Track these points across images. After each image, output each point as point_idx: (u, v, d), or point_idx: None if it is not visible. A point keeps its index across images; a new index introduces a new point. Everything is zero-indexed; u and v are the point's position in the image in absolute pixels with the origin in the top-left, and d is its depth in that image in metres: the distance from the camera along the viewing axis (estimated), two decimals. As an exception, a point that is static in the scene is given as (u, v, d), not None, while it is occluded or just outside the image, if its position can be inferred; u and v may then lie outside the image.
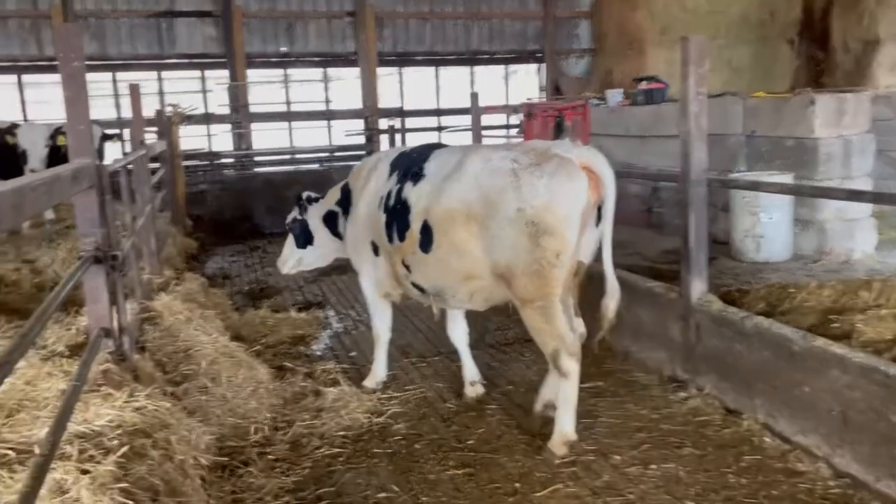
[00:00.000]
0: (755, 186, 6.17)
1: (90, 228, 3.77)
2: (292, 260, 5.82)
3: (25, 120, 12.51)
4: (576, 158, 3.89)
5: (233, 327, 6.43)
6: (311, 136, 14.26)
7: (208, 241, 11.83)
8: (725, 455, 3.96)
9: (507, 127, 16.01)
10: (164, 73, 13.38)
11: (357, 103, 14.29)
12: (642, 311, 5.30)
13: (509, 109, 13.38)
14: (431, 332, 6.48)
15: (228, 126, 13.47)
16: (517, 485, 3.76)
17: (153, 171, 11.61)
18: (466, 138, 15.80)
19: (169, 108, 12.12)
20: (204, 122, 13.51)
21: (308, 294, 8.34)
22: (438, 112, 15.18)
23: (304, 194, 5.79)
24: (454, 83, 16.17)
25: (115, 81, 13.09)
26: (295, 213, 5.72)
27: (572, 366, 3.93)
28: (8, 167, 8.50)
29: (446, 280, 4.33)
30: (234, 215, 12.24)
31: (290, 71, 14.07)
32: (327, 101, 14.14)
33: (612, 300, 4.12)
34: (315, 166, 13.97)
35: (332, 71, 14.24)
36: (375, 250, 4.90)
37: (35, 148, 8.71)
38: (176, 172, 11.98)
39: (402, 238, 4.44)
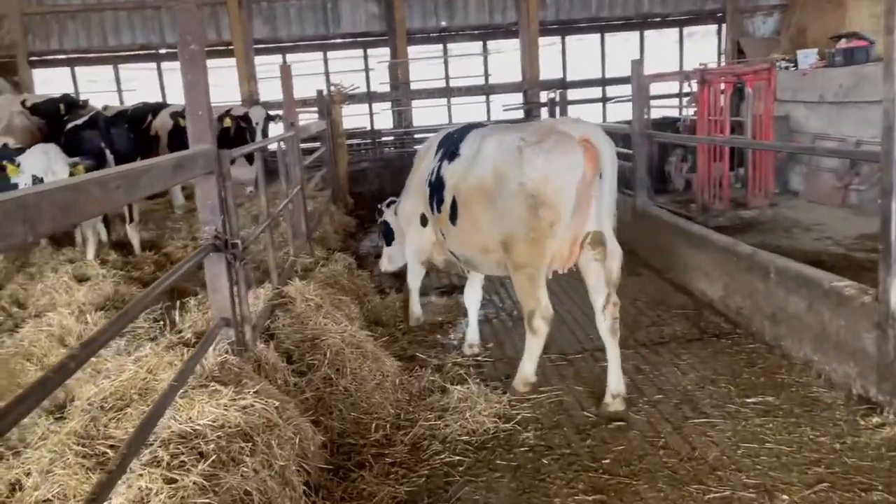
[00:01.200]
0: None
1: (210, 216, 3.70)
2: (385, 258, 6.93)
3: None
4: (575, 134, 4.14)
5: (373, 311, 6.34)
6: (470, 111, 14.02)
7: (369, 218, 11.98)
8: (932, 508, 3.14)
9: (680, 96, 14.75)
10: (330, 54, 13.72)
11: (517, 76, 13.80)
12: (828, 313, 4.43)
13: (681, 76, 12.23)
14: (577, 324, 5.97)
15: (389, 104, 13.58)
16: (656, 522, 3.22)
17: (311, 151, 11.98)
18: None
19: (333, 87, 12.40)
20: (366, 101, 13.72)
21: (454, 276, 8.10)
22: (603, 82, 14.30)
23: (383, 204, 7.01)
24: (622, 51, 15.14)
25: (284, 63, 13.62)
26: (378, 217, 6.89)
27: (542, 327, 4.50)
28: (180, 148, 9.04)
29: (470, 251, 4.85)
30: (394, 192, 12.31)
31: (449, 45, 13.87)
32: (486, 75, 13.79)
33: (613, 261, 4.45)
34: (473, 142, 13.76)
35: (491, 44, 13.85)
36: (423, 222, 5.60)
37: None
38: (337, 151, 12.25)
39: (439, 210, 5.00)
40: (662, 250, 7.22)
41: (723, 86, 9.93)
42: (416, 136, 13.39)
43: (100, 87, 13.42)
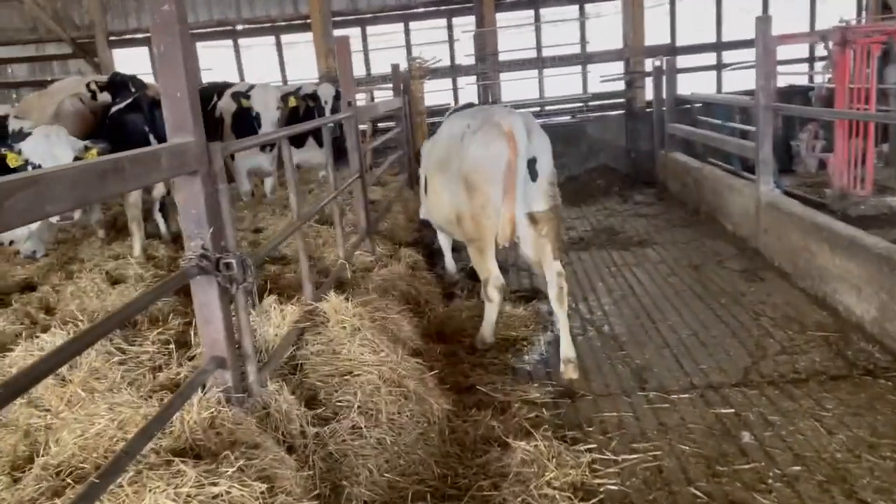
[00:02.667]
0: None
1: (195, 228, 2.89)
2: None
3: (285, 82, 12.91)
4: (504, 125, 4.54)
5: (434, 323, 5.46)
6: (564, 84, 12.83)
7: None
8: None
9: (811, 60, 12.91)
10: (412, 24, 12.86)
11: (617, 43, 12.46)
12: None
13: (815, 37, 10.52)
14: (684, 350, 4.86)
15: (474, 78, 12.58)
16: None
17: (383, 131, 11.18)
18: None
19: (413, 61, 11.52)
20: (449, 75, 12.79)
21: (535, 276, 7.08)
22: (719, 46, 12.69)
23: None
24: (741, 10, 13.42)
25: (364, 36, 12.90)
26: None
27: (495, 295, 4.95)
28: (244, 131, 8.44)
29: (439, 220, 5.66)
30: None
31: (541, 11, 12.68)
32: (583, 43, 12.52)
33: (545, 235, 4.77)
34: (566, 118, 12.55)
35: (589, 7, 12.54)
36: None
37: (267, 111, 8.55)
38: (416, 131, 11.40)
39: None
40: (794, 251, 5.92)
41: (867, 47, 8.30)
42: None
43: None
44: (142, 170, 2.43)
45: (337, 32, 12.95)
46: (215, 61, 13.26)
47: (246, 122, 8.72)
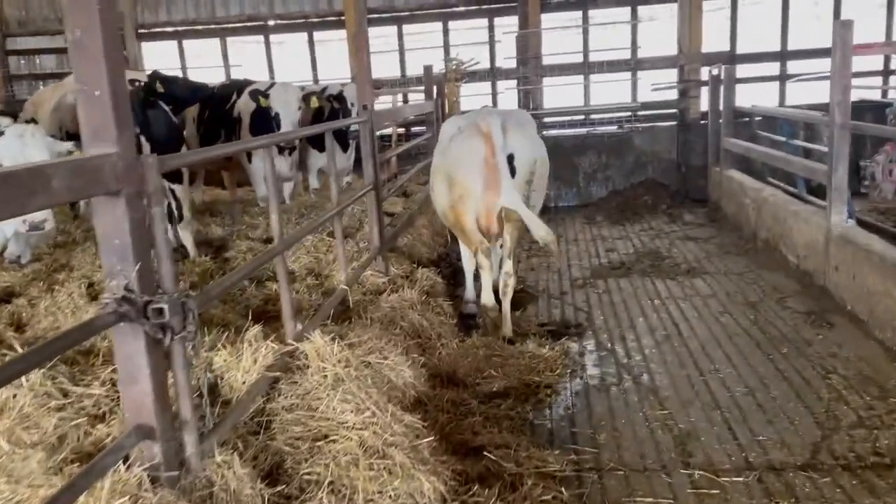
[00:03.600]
0: None
1: (117, 262, 2.29)
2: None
3: (316, 81, 12.42)
4: (483, 125, 5.10)
5: (446, 361, 4.80)
6: (612, 91, 12.05)
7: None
8: None
9: (886, 73, 11.88)
10: (451, 24, 12.23)
11: (671, 49, 11.62)
12: None
13: (893, 48, 9.56)
14: (738, 412, 4.11)
15: (515, 82, 11.89)
16: None
17: (411, 137, 10.56)
18: (823, 90, 12.08)
19: (449, 62, 10.89)
20: (489, 78, 12.11)
21: (568, 306, 6.37)
22: (783, 55, 11.75)
23: None
24: (809, 16, 12.48)
25: (400, 35, 12.32)
26: None
27: (484, 260, 5.37)
28: (263, 131, 7.91)
29: (440, 209, 5.84)
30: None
31: (591, 12, 11.91)
32: (634, 48, 11.71)
33: (537, 232, 5.01)
34: (613, 128, 11.73)
35: (643, 10, 11.73)
36: None
37: (288, 110, 8.01)
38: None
39: None
40: (871, 295, 5.10)
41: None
42: (543, 119, 11.62)
43: (207, 62, 12.79)
44: (15, 192, 1.83)
45: (372, 31, 12.34)
46: (245, 58, 12.84)
47: (265, 122, 8.19)
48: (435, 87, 10.30)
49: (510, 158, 5.05)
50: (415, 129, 11.64)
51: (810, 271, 6.27)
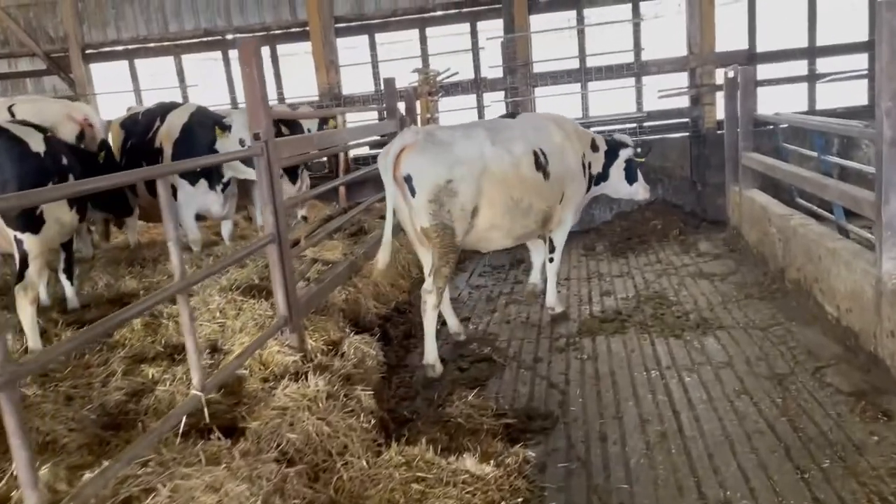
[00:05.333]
0: None
1: None
2: None
3: (281, 99, 11.26)
4: (399, 142, 5.26)
5: (349, 491, 3.48)
6: (614, 99, 10.70)
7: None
8: None
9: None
10: (429, 30, 10.96)
11: (680, 49, 10.27)
12: None
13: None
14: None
15: (502, 93, 10.61)
16: None
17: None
18: (861, 90, 10.63)
19: (418, 73, 9.62)
20: (472, 90, 10.84)
21: (541, 382, 5.02)
22: (812, 52, 10.31)
23: None
24: (838, 4, 11.01)
25: (373, 45, 11.08)
26: None
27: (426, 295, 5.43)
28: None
29: None
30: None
31: (586, 12, 10.59)
32: (637, 50, 10.36)
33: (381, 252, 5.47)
34: (615, 142, 10.37)
35: (645, 6, 10.38)
36: None
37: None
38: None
39: None
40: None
41: None
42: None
43: (162, 82, 11.70)
44: None
45: (341, 41, 11.24)
46: (203, 76, 11.72)
47: (190, 149, 7.02)
48: (404, 103, 9.06)
49: (408, 179, 5.15)
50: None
51: (855, 331, 4.86)
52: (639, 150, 6.79)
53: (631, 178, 6.70)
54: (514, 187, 5.47)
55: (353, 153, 11.02)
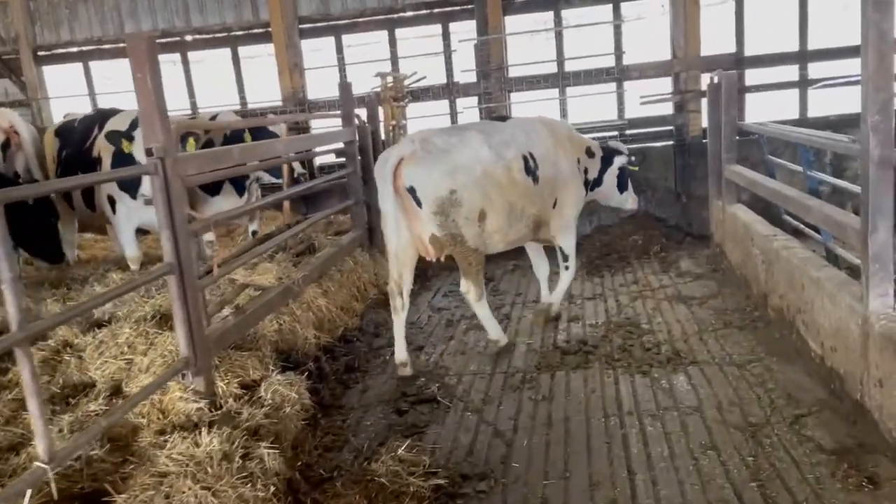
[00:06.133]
0: None
1: None
2: None
3: (243, 104, 10.70)
4: (394, 152, 5.21)
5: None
6: (593, 106, 10.15)
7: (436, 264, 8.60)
8: None
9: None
10: (399, 32, 10.41)
11: (664, 53, 9.75)
12: None
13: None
14: None
15: (476, 99, 10.06)
16: None
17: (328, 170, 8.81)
18: (854, 98, 10.08)
19: (381, 78, 9.07)
20: (445, 96, 10.29)
21: (485, 429, 4.47)
22: (804, 56, 9.77)
23: None
24: (831, 5, 10.48)
25: (339, 48, 10.52)
26: None
27: (393, 299, 5.57)
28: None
29: None
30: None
31: (564, 13, 10.05)
32: (618, 53, 9.81)
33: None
34: (595, 152, 9.82)
35: (627, 7, 9.83)
36: None
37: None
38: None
39: None
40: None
41: None
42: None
43: (117, 85, 11.15)
44: None
45: (306, 43, 10.70)
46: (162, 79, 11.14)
47: (129, 162, 6.49)
48: (365, 110, 8.54)
49: (412, 190, 5.11)
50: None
51: (840, 373, 4.32)
52: (632, 158, 6.60)
53: (622, 187, 6.74)
54: (508, 191, 5.50)
55: (319, 161, 10.50)
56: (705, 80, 9.33)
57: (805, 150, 5.98)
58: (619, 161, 6.65)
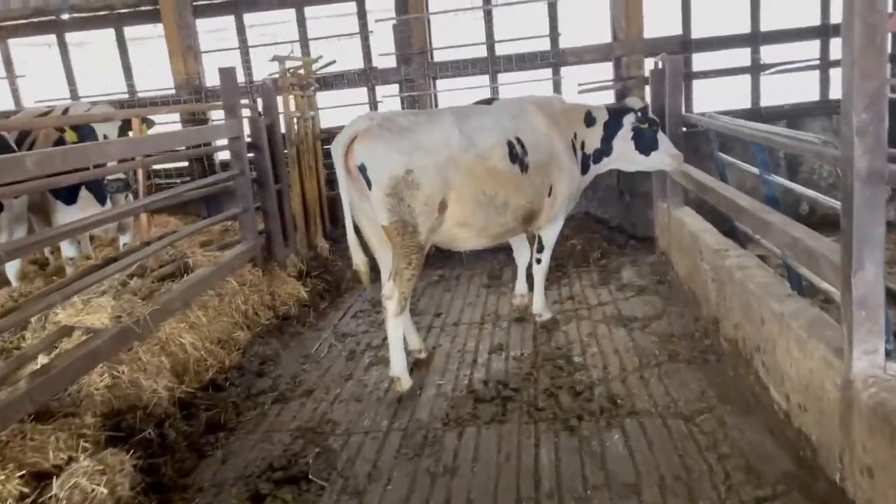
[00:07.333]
0: None
1: None
2: None
3: (132, 94, 9.41)
4: (350, 128, 4.68)
5: None
6: (528, 93, 9.14)
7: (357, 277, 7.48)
8: None
9: None
10: (308, 10, 9.23)
11: (604, 35, 8.81)
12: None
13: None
14: None
15: (396, 86, 8.99)
16: None
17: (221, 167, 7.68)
18: (811, 84, 9.33)
19: (279, 62, 7.89)
20: (362, 83, 9.19)
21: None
22: (756, 38, 8.94)
23: None
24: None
25: (241, 28, 9.31)
26: None
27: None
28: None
29: None
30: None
31: (494, -10, 9.04)
32: (553, 35, 8.83)
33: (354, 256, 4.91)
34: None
35: (564, -16, 8.85)
36: None
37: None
38: (301, 168, 7.88)
39: None
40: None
41: None
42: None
43: (-15, 74, 9.77)
44: None
45: (202, 23, 9.46)
46: (35, 65, 9.80)
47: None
48: (259, 101, 7.40)
49: (363, 169, 4.63)
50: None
51: (812, 440, 3.41)
52: (639, 114, 5.73)
53: (647, 148, 5.85)
54: (485, 182, 4.98)
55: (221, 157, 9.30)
56: (649, 65, 8.46)
57: (760, 148, 5.07)
58: (629, 121, 5.77)
